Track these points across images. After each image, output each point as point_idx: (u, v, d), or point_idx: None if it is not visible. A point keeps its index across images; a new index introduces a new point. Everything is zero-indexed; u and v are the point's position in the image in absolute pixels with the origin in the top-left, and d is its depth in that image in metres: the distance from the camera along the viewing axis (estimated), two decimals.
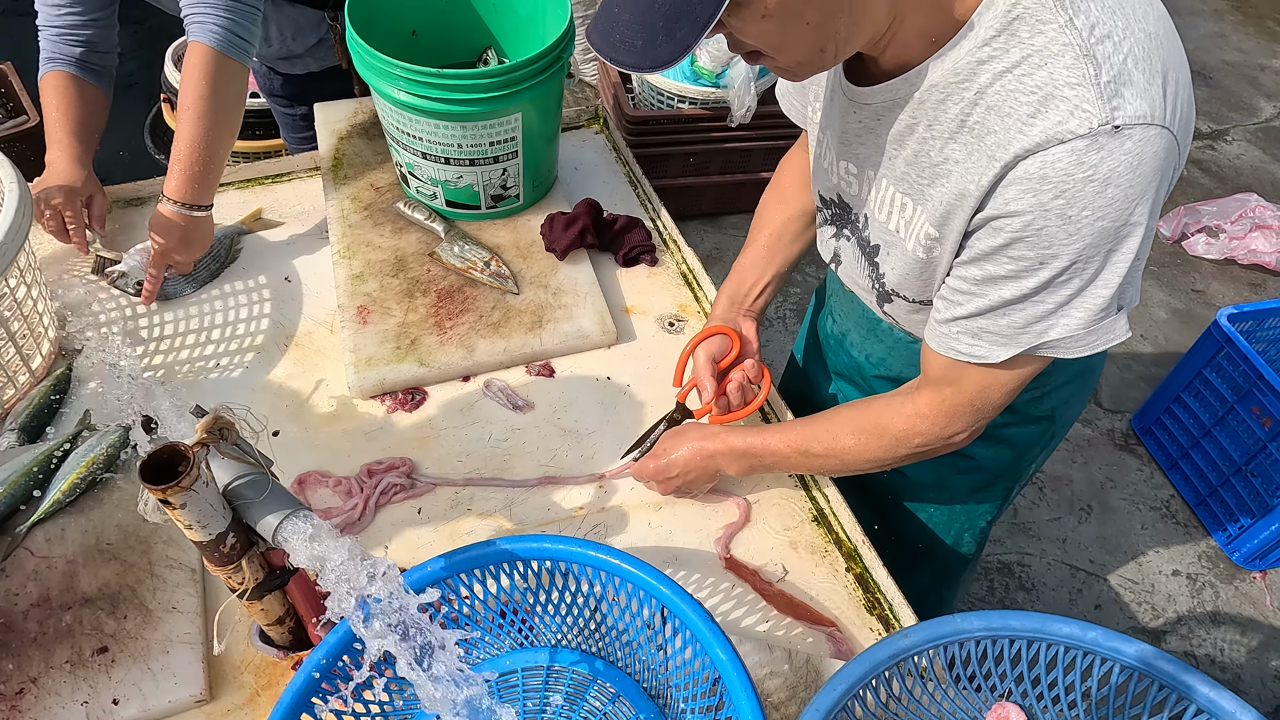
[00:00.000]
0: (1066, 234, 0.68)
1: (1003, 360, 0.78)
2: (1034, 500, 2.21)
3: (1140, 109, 0.65)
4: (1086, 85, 0.64)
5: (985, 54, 0.69)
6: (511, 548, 0.85)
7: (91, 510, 0.99)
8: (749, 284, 1.13)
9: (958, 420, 0.86)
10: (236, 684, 0.90)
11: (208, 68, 1.14)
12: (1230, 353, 2.02)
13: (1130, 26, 0.66)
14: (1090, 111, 0.64)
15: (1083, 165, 0.65)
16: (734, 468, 1.00)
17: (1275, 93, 3.75)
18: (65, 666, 0.87)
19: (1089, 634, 0.77)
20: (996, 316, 0.76)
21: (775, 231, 1.13)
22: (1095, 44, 0.65)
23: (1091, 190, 0.66)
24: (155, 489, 0.66)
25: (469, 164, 1.26)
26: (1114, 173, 0.65)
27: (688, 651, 0.81)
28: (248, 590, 0.80)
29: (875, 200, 0.86)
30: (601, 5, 0.70)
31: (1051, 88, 0.65)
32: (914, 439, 0.89)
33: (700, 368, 1.08)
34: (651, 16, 0.64)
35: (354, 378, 1.14)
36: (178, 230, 1.19)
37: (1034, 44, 0.66)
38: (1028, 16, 0.66)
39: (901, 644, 0.78)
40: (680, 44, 0.64)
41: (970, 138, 0.71)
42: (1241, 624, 2.00)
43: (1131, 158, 0.65)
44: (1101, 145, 0.65)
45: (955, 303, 0.79)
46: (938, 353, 0.84)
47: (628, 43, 0.66)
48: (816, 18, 0.66)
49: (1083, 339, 0.75)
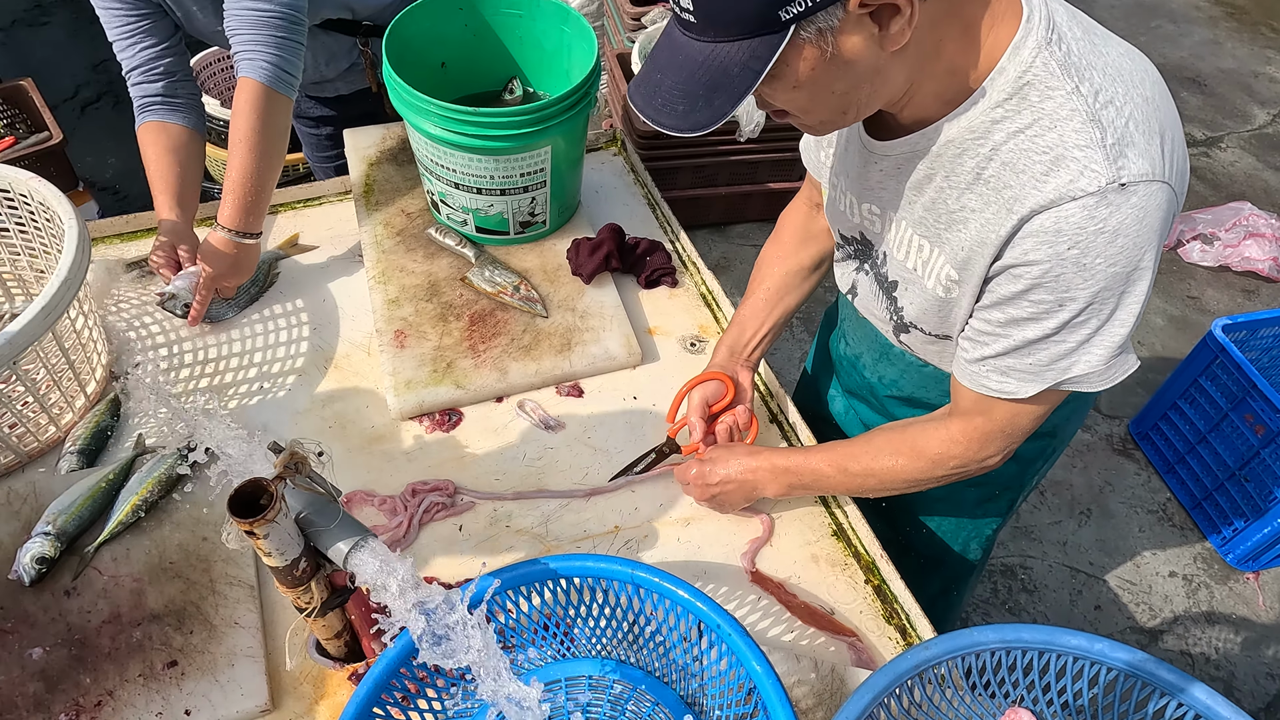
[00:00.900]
0: (1082, 279, 0.74)
1: (1030, 396, 0.85)
2: (1035, 504, 2.28)
3: (1143, 167, 0.71)
4: (1094, 147, 0.71)
5: (999, 114, 0.75)
6: (557, 566, 0.91)
7: (153, 530, 1.05)
8: (748, 335, 1.19)
9: (990, 445, 0.92)
10: (297, 694, 0.96)
11: (258, 103, 1.20)
12: (1224, 362, 2.09)
13: (1130, 92, 0.73)
14: (1099, 171, 0.71)
15: (1094, 219, 0.72)
16: (774, 486, 1.05)
17: (1269, 100, 3.82)
18: (139, 680, 0.92)
19: (1096, 645, 0.84)
20: (1022, 355, 0.82)
21: (775, 285, 1.20)
22: (1100, 109, 0.71)
23: (1103, 240, 0.72)
24: (243, 522, 0.72)
25: (500, 193, 1.31)
26: (1123, 224, 0.72)
27: (723, 663, 0.87)
28: (315, 609, 0.86)
29: (895, 240, 0.92)
30: (644, 70, 0.76)
31: (1062, 149, 0.72)
32: (950, 461, 0.95)
33: (693, 409, 1.14)
34: (693, 86, 0.70)
35: (394, 400, 1.20)
36: (229, 257, 1.25)
37: (1044, 108, 0.73)
38: (1037, 83, 0.73)
39: (923, 655, 0.84)
40: (718, 111, 0.70)
41: (986, 189, 0.78)
42: (1235, 623, 2.07)
43: (1138, 211, 0.72)
44: (1110, 201, 0.71)
45: (982, 343, 0.86)
46: (968, 388, 0.90)
47: (669, 107, 0.72)
48: (842, 88, 0.72)
49: (1104, 373, 0.81)
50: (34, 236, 1.23)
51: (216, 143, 2.47)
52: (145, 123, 1.35)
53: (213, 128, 2.45)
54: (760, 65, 0.66)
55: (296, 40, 1.24)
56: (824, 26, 0.66)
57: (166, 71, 1.35)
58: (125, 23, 1.31)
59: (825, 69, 0.69)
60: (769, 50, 0.66)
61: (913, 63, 0.73)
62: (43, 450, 1.14)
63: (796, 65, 0.69)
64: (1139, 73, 0.75)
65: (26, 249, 1.25)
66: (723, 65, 0.68)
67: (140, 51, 1.32)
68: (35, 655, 0.93)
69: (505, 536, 1.10)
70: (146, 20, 1.32)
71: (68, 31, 3.56)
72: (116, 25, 1.31)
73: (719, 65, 0.68)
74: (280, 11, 1.21)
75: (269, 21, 1.20)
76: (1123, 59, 0.76)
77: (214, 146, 2.49)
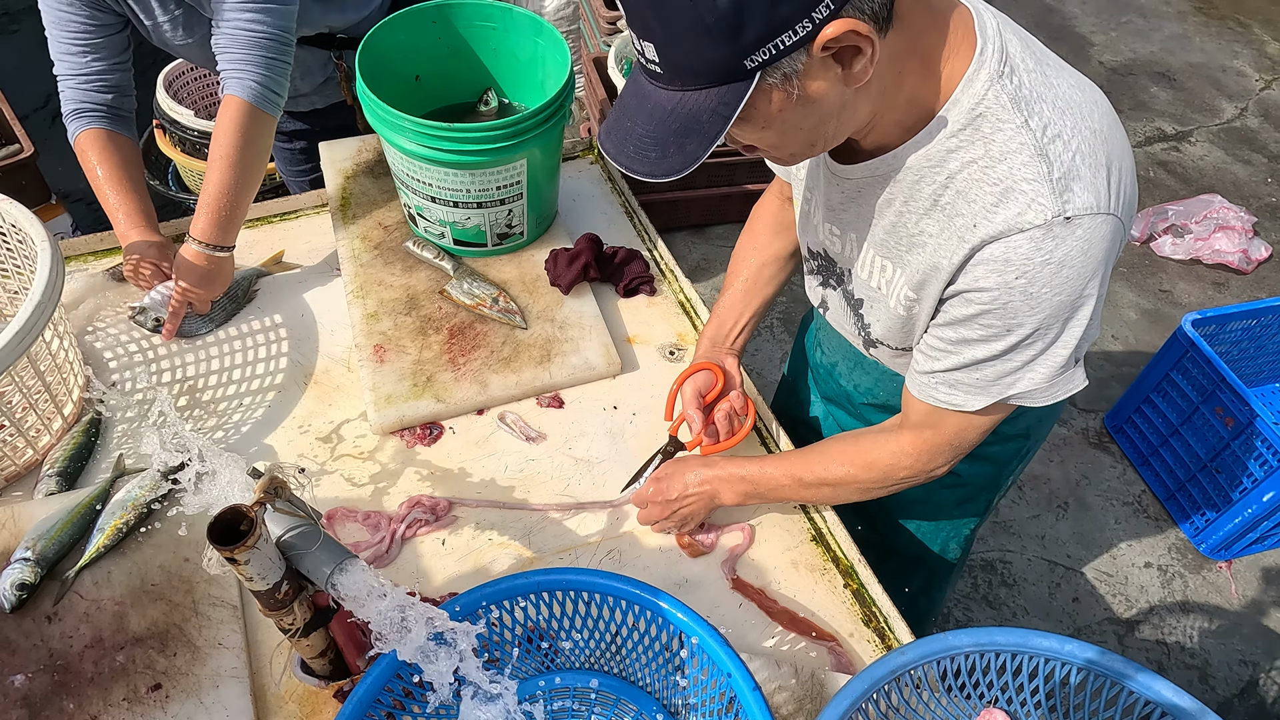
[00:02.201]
0: (1029, 307, 0.77)
1: (977, 409, 0.88)
2: (1014, 499, 2.32)
3: (1088, 201, 0.74)
4: (1041, 181, 0.73)
5: (953, 144, 0.77)
6: (539, 579, 0.92)
7: (134, 553, 1.05)
8: (728, 325, 1.21)
9: (938, 457, 0.96)
10: (282, 713, 0.96)
11: (242, 120, 1.21)
12: (1194, 356, 2.13)
13: (1078, 125, 0.75)
14: (1045, 205, 0.73)
15: (1040, 250, 0.74)
16: (731, 494, 1.07)
17: (1236, 93, 3.88)
18: (123, 704, 0.93)
19: (1066, 646, 0.86)
20: (970, 371, 0.85)
21: (750, 276, 1.22)
22: (1048, 143, 0.74)
23: (1049, 271, 0.75)
24: (224, 549, 0.72)
25: (476, 206, 1.32)
26: (1068, 256, 0.75)
27: (704, 672, 0.89)
28: (298, 630, 0.86)
29: (859, 261, 0.94)
30: (613, 117, 0.77)
31: (1011, 181, 0.74)
32: (899, 473, 0.98)
33: (688, 402, 1.16)
34: (664, 133, 0.71)
35: (375, 415, 1.21)
36: (202, 270, 1.25)
37: (995, 140, 0.75)
38: (989, 115, 0.75)
39: (899, 660, 0.86)
40: (690, 156, 0.71)
41: (942, 216, 0.80)
42: (1209, 611, 2.12)
43: (1082, 243, 0.74)
44: (1056, 234, 0.74)
45: (933, 358, 0.89)
46: (917, 399, 0.92)
47: (642, 154, 0.73)
48: (810, 124, 0.74)
49: (1046, 390, 0.85)
50: (5, 258, 1.22)
51: (191, 153, 2.45)
52: (91, 129, 1.31)
53: (187, 138, 2.43)
54: (729, 111, 0.67)
55: (284, 61, 1.25)
56: (789, 71, 0.67)
57: (114, 85, 1.33)
58: (80, 31, 1.28)
59: (792, 109, 0.71)
60: (737, 97, 0.67)
61: (876, 96, 0.75)
62: (19, 474, 1.13)
63: (765, 108, 0.70)
64: (1088, 104, 0.78)
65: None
66: (692, 112, 0.69)
67: (91, 61, 1.30)
68: (18, 682, 0.93)
69: (488, 550, 1.11)
70: (103, 32, 1.30)
71: (37, 40, 3.50)
72: (71, 33, 1.28)
73: (688, 112, 0.69)
74: (270, 34, 1.21)
75: (259, 43, 1.21)
76: (1073, 91, 0.78)
77: (188, 157, 2.47)
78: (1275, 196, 3.36)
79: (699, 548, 1.11)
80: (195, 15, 1.31)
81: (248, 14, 1.19)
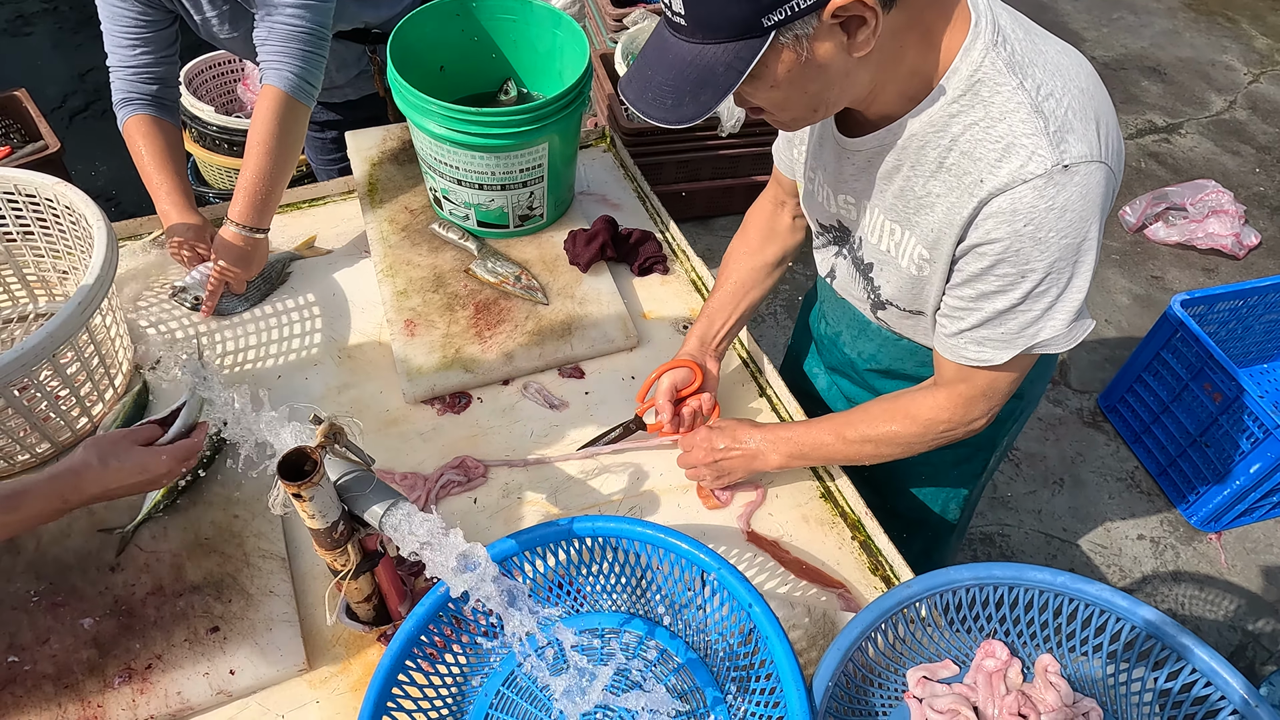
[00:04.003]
0: (1039, 251, 0.84)
1: (1005, 361, 0.94)
2: (1011, 476, 2.40)
3: (1082, 150, 0.81)
4: (1039, 135, 0.81)
5: (955, 109, 0.85)
6: (572, 526, 0.99)
7: (187, 510, 1.12)
8: (716, 327, 1.28)
9: (975, 408, 1.02)
10: (330, 655, 1.03)
11: (280, 109, 1.29)
12: (1184, 335, 2.21)
13: (1067, 85, 0.83)
14: (1044, 156, 0.80)
15: (1044, 197, 0.81)
16: (777, 455, 1.13)
17: (1225, 86, 3.97)
18: (184, 644, 1.00)
19: (1058, 579, 0.94)
20: (995, 325, 0.92)
21: (741, 279, 1.29)
22: (1042, 101, 0.81)
23: (1054, 216, 0.82)
24: (291, 485, 0.79)
25: (500, 189, 1.39)
26: (1070, 201, 0.82)
27: (725, 609, 0.96)
28: (350, 570, 0.94)
29: (869, 226, 1.01)
30: (635, 66, 0.84)
31: (1012, 138, 0.82)
32: (939, 425, 1.05)
33: (662, 393, 1.23)
34: (681, 82, 0.78)
35: (407, 385, 1.28)
36: (238, 249, 1.32)
37: (994, 102, 0.82)
38: (987, 80, 0.83)
39: (904, 593, 0.94)
40: (704, 105, 0.78)
41: (949, 176, 0.87)
42: (1200, 580, 2.20)
43: (1081, 188, 0.82)
44: (1057, 181, 0.81)
45: (957, 318, 0.95)
46: (948, 360, 0.99)
47: (659, 101, 0.81)
48: (815, 89, 0.82)
49: (1066, 335, 0.91)
50: (57, 239, 1.29)
51: (211, 148, 2.53)
52: (137, 115, 1.40)
53: (207, 133, 2.50)
54: (743, 66, 0.75)
55: (320, 54, 1.33)
56: (800, 33, 0.74)
57: (159, 78, 1.42)
58: (132, 25, 1.36)
59: (800, 71, 0.78)
60: (751, 53, 0.75)
61: (877, 66, 0.82)
62: (75, 440, 1.20)
63: (775, 67, 0.78)
64: (1074, 67, 0.85)
65: (50, 251, 1.32)
66: (709, 65, 0.76)
67: (140, 54, 1.39)
68: (87, 625, 1.00)
69: (517, 507, 1.18)
70: (153, 28, 1.38)
71: (52, 41, 3.58)
72: (123, 28, 1.37)
73: (705, 64, 0.76)
74: (309, 28, 1.29)
75: (298, 36, 1.29)
76: (1060, 55, 0.85)
77: (208, 152, 2.54)
78: (1263, 186, 3.45)
79: (715, 501, 1.19)
80: (240, 10, 1.39)
81: (289, 9, 1.27)
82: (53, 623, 1.00)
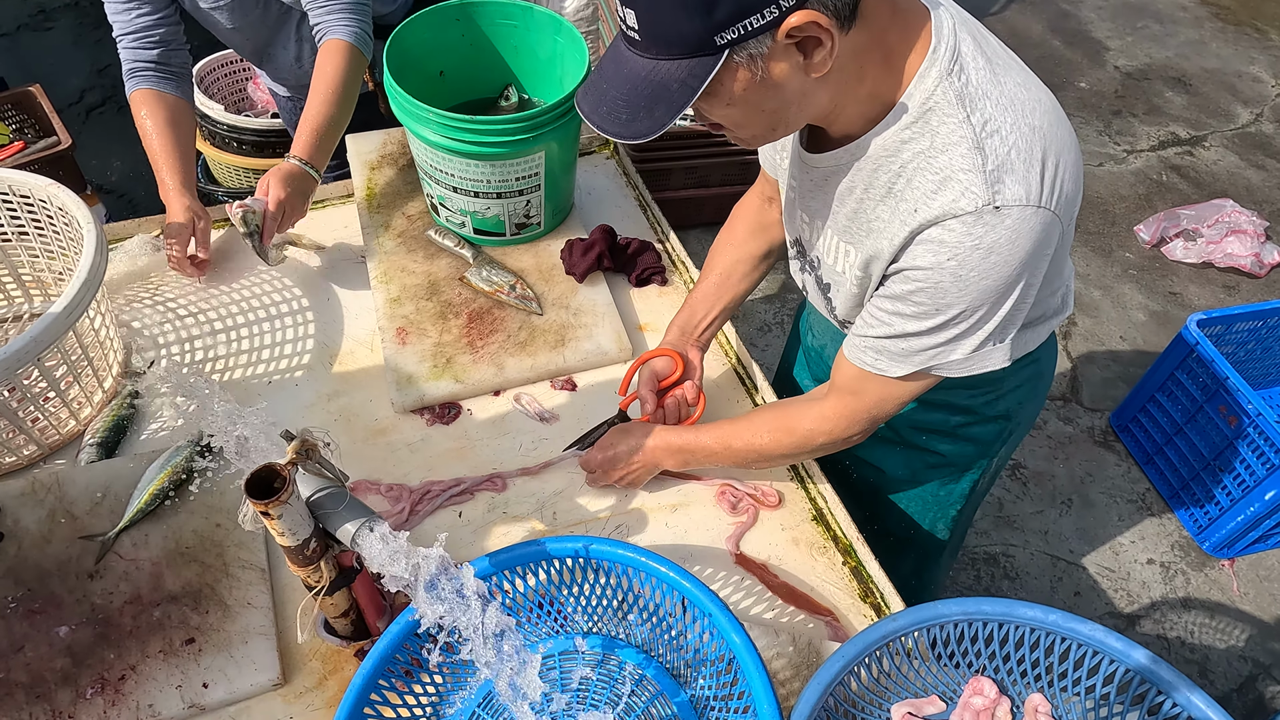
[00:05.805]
0: (958, 290, 0.83)
1: (899, 376, 0.94)
2: (1018, 495, 2.35)
3: (1018, 193, 0.79)
4: (975, 172, 0.79)
5: (907, 135, 0.83)
6: (550, 547, 0.97)
7: (170, 518, 1.11)
8: (699, 317, 1.27)
9: (856, 425, 1.02)
10: (306, 669, 1.02)
11: (346, 59, 1.38)
12: (1199, 355, 2.15)
13: (1017, 122, 0.80)
14: (976, 194, 0.79)
15: (971, 235, 0.80)
16: (670, 461, 1.14)
17: (1252, 99, 3.88)
18: (159, 655, 0.99)
19: (1050, 617, 0.90)
20: (899, 341, 0.92)
21: (724, 271, 1.27)
22: (985, 138, 0.79)
23: (978, 256, 0.81)
24: (258, 503, 0.78)
25: (496, 197, 1.38)
26: (996, 243, 0.80)
27: (705, 636, 0.94)
28: (324, 588, 0.92)
29: (824, 246, 1.01)
30: (591, 79, 0.83)
31: (949, 171, 0.80)
32: (818, 439, 1.05)
33: (643, 383, 1.22)
34: (635, 97, 0.77)
35: (396, 394, 1.26)
36: (297, 182, 1.35)
37: (940, 132, 0.81)
38: (937, 109, 0.81)
39: (890, 626, 0.91)
40: (658, 121, 0.76)
41: (894, 202, 0.86)
42: (1210, 608, 2.14)
43: (1010, 232, 0.80)
44: (986, 221, 0.79)
45: (869, 325, 0.95)
46: (848, 360, 0.99)
47: (613, 115, 0.79)
48: (771, 107, 0.80)
49: (962, 364, 0.91)
50: (52, 240, 1.29)
51: (221, 147, 2.53)
52: (140, 89, 1.43)
53: (217, 131, 2.50)
54: (697, 83, 0.73)
55: (369, 10, 1.43)
56: (755, 52, 0.73)
57: (161, 40, 1.43)
58: None
59: (756, 89, 0.76)
60: (705, 70, 0.73)
61: (836, 87, 0.80)
62: (63, 443, 1.20)
63: (730, 85, 0.76)
64: (1031, 102, 0.82)
65: (45, 252, 1.31)
66: (663, 81, 0.74)
67: (136, 18, 1.41)
68: (62, 633, 0.99)
69: (503, 523, 1.17)
70: None
71: (72, 37, 3.61)
72: None
73: (660, 80, 0.75)
74: None
75: None
76: (1019, 89, 0.82)
77: (218, 150, 2.55)
78: None
79: None
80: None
81: None
82: (29, 630, 0.99)
